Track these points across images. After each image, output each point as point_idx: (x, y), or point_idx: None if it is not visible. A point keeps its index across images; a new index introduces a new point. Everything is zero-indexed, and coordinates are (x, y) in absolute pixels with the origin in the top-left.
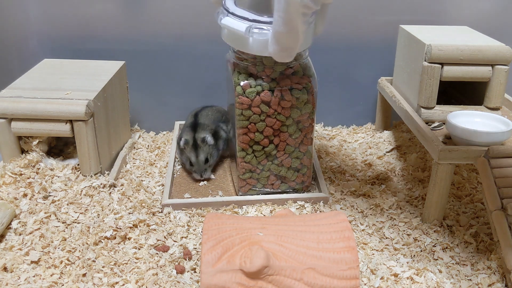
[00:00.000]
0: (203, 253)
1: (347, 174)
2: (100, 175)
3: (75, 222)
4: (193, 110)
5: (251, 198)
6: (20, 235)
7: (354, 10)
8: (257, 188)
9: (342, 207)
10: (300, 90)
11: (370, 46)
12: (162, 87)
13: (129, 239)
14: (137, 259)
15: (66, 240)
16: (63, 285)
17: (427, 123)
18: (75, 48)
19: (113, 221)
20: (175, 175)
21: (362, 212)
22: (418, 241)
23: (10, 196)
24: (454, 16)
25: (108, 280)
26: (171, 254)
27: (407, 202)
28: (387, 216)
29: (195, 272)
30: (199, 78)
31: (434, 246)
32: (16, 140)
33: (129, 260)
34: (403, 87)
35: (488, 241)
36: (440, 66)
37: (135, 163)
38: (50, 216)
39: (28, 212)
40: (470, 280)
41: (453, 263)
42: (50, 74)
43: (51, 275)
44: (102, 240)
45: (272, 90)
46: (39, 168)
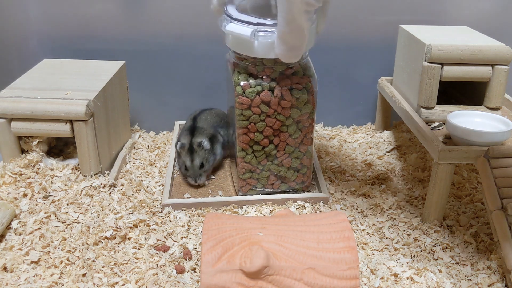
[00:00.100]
0: (203, 253)
1: (347, 174)
2: (100, 175)
3: (75, 222)
4: (192, 112)
5: (251, 198)
6: (20, 235)
7: (354, 10)
8: (257, 188)
9: (342, 207)
10: (300, 90)
11: (370, 46)
12: (162, 87)
13: (129, 239)
14: (137, 259)
15: (66, 240)
16: (63, 285)
17: (427, 123)
18: (75, 48)
19: (113, 221)
20: (175, 175)
21: (362, 212)
22: (418, 241)
23: (10, 196)
24: (454, 16)
25: (108, 280)
26: (171, 254)
27: (407, 202)
28: (387, 216)
29: (195, 272)
30: (199, 78)
31: (434, 246)
32: (16, 140)
33: (129, 260)
34: (403, 87)
35: (488, 241)
36: (440, 66)
37: (135, 163)
38: (50, 216)
39: (28, 212)
40: (470, 280)
41: (453, 263)
42: (50, 74)
43: (51, 275)
44: (102, 240)
45: (272, 90)
46: (39, 168)
